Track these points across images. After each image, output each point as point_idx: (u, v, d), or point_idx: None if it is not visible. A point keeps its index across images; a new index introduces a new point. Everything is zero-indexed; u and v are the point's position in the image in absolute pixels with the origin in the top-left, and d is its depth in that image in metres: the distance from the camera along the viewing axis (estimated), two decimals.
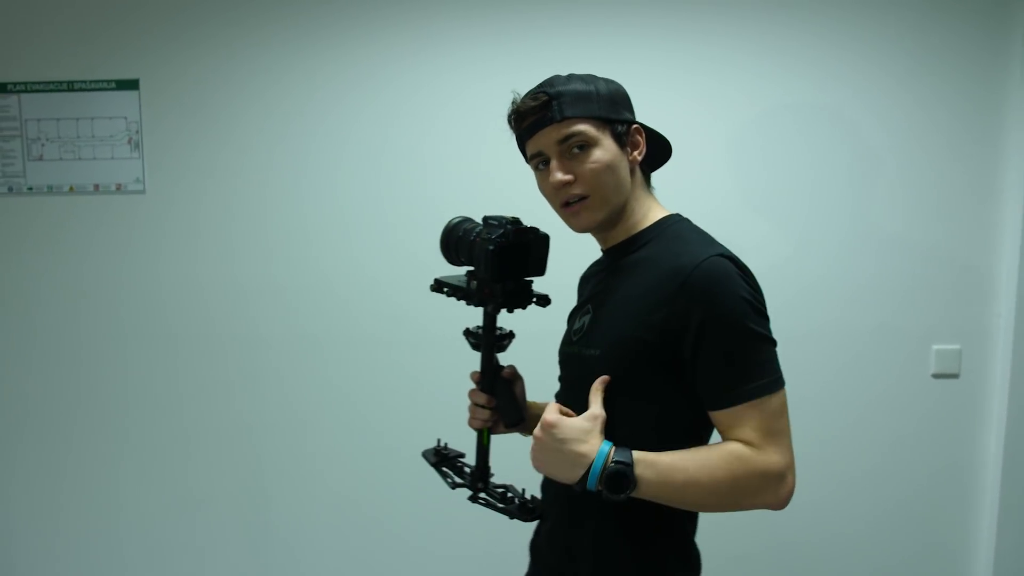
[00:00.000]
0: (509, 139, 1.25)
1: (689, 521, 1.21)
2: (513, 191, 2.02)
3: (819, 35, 2.11)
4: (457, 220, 1.25)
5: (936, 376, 2.18)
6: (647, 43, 2.11)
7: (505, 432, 1.32)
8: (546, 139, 1.15)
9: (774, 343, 1.08)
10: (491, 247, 1.13)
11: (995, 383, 2.17)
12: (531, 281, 1.20)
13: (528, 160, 1.21)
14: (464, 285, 1.22)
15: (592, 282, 1.30)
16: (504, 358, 1.29)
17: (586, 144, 1.13)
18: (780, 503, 1.07)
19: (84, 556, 2.32)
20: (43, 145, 2.17)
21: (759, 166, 2.14)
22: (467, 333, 1.27)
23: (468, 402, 1.28)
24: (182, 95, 2.16)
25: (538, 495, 1.24)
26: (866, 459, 2.19)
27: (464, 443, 1.35)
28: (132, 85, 2.15)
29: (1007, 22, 2.08)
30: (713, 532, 2.14)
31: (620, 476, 0.99)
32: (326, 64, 2.15)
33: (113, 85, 2.15)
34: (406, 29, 2.13)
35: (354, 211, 2.18)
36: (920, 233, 2.14)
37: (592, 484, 1.00)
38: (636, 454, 1.01)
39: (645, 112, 1.25)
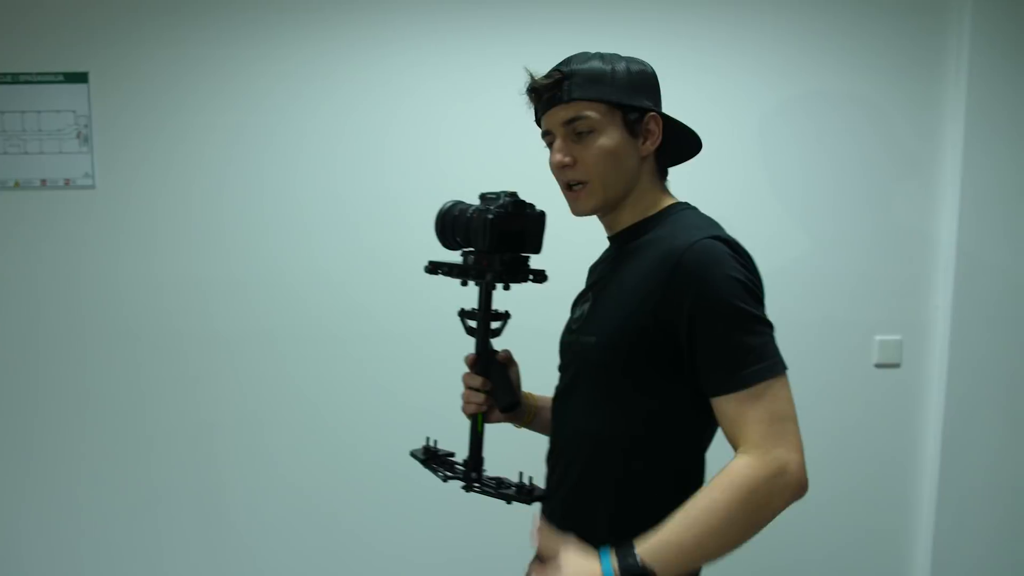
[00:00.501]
0: (469, 134, 1.26)
1: None
2: (472, 188, 2.06)
3: (759, 31, 2.16)
4: (450, 203, 1.25)
5: (879, 366, 2.26)
6: (617, 40, 2.14)
7: (498, 420, 1.29)
8: (554, 118, 1.14)
9: (770, 326, 1.04)
10: (490, 216, 1.15)
11: (934, 372, 2.26)
12: (528, 257, 1.21)
13: (543, 136, 1.20)
14: (457, 264, 1.23)
15: (598, 270, 1.29)
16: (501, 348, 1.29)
17: (591, 129, 1.12)
18: (793, 495, 1.02)
19: (41, 554, 2.27)
20: None
21: (707, 166, 2.18)
22: (463, 314, 1.26)
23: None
24: (134, 89, 2.13)
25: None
26: (814, 448, 2.22)
27: (421, 443, 1.35)
28: (81, 78, 2.11)
29: (942, 19, 2.16)
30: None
31: None
32: (283, 59, 2.14)
33: (61, 78, 2.10)
34: (365, 24, 2.13)
35: (312, 207, 2.17)
36: (865, 228, 2.21)
37: None
38: (642, 552, 0.96)
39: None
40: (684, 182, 2.09)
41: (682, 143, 1.22)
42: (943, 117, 2.19)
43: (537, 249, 1.21)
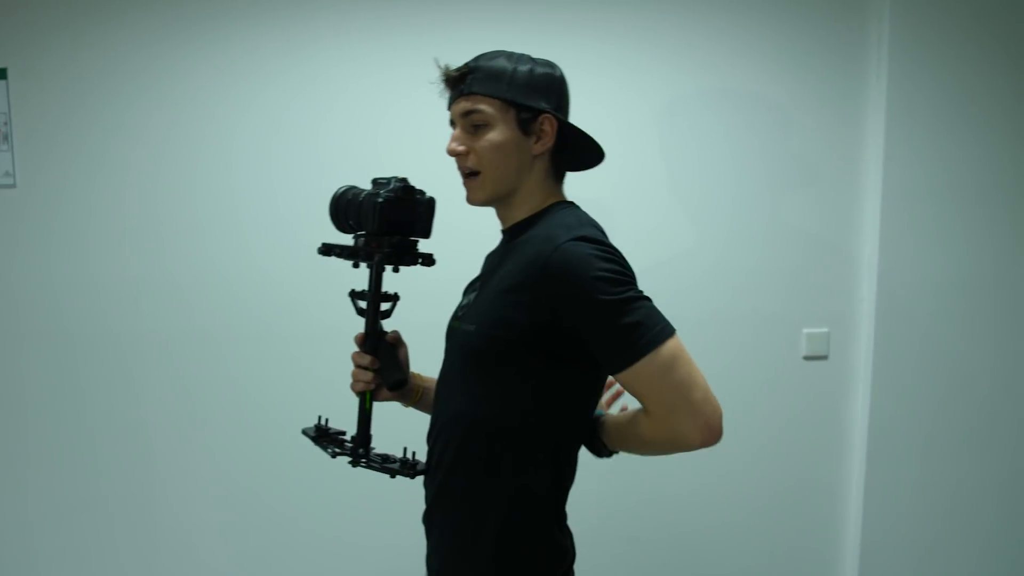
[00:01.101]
0: (399, 132, 1.29)
1: (556, 519, 1.22)
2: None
3: (687, 27, 2.19)
4: (344, 188, 1.29)
5: (807, 358, 2.30)
6: (520, 33, 2.15)
7: (387, 399, 1.32)
8: (456, 109, 1.21)
9: (646, 299, 1.09)
10: (380, 199, 1.20)
11: (860, 363, 2.31)
12: (417, 241, 1.26)
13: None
14: (348, 246, 1.27)
15: (487, 263, 1.35)
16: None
17: (484, 123, 1.18)
18: (702, 444, 1.14)
19: None
20: None
21: (641, 162, 2.22)
22: (353, 295, 1.29)
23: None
24: (54, 86, 2.09)
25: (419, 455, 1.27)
26: (747, 439, 2.29)
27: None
28: (0, 75, 2.06)
29: (864, 15, 2.21)
30: (604, 515, 2.23)
31: None
32: (213, 56, 2.12)
33: None
34: (295, 21, 2.12)
35: (243, 203, 2.15)
36: (792, 223, 2.26)
37: None
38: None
39: None
40: (613, 183, 2.16)
41: (585, 151, 1.28)
42: (865, 112, 2.24)
43: (426, 234, 1.26)
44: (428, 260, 1.27)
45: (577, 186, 2.10)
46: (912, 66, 2.20)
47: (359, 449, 1.27)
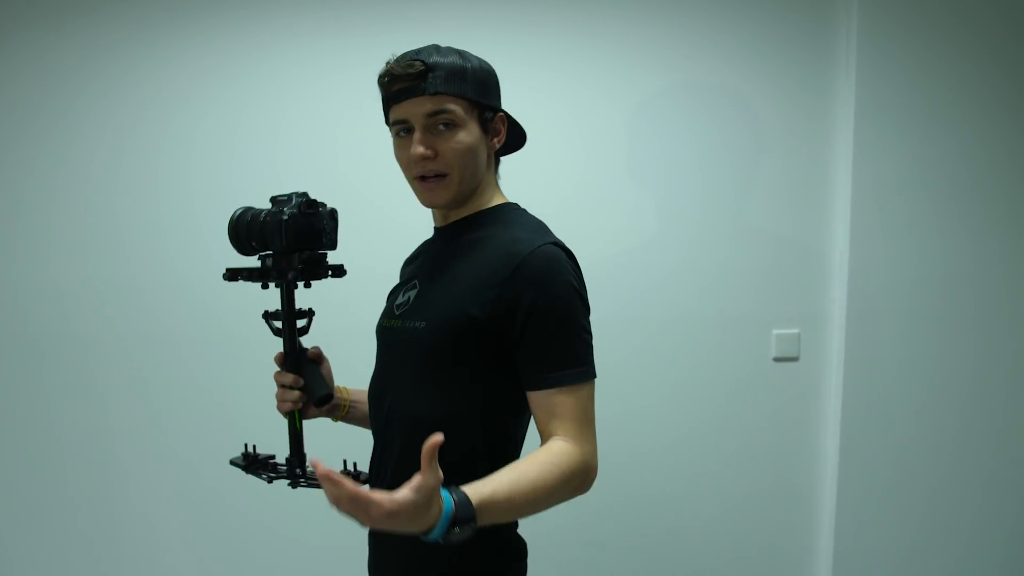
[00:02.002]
0: (360, 131, 1.26)
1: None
2: (365, 184, 2.03)
3: (651, 23, 2.15)
4: (240, 210, 1.26)
5: (777, 360, 2.26)
6: (492, 38, 2.12)
7: (315, 416, 1.32)
8: (414, 109, 1.13)
9: (591, 335, 1.13)
10: (284, 217, 1.18)
11: (831, 364, 2.27)
12: (325, 254, 1.25)
13: (390, 124, 1.20)
14: (256, 267, 1.25)
15: (419, 261, 1.32)
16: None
17: (453, 123, 1.13)
18: (586, 490, 1.11)
19: None
20: None
21: (611, 158, 2.18)
22: (267, 316, 1.28)
23: None
24: (14, 88, 2.07)
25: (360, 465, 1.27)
26: (716, 443, 2.26)
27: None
28: None
29: (832, 16, 2.17)
30: (569, 521, 2.20)
31: (461, 533, 0.93)
32: (173, 58, 2.09)
33: None
34: (255, 21, 2.09)
35: (205, 206, 2.11)
36: (760, 222, 2.21)
37: (433, 540, 0.92)
38: (476, 501, 0.93)
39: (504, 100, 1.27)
40: (576, 181, 2.12)
41: (511, 138, 1.28)
42: (834, 107, 2.20)
43: (333, 245, 1.25)
44: (338, 272, 1.26)
45: (541, 184, 2.09)
46: (881, 60, 2.15)
47: (295, 470, 1.26)
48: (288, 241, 1.18)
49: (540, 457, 1.05)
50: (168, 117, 2.11)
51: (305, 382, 1.25)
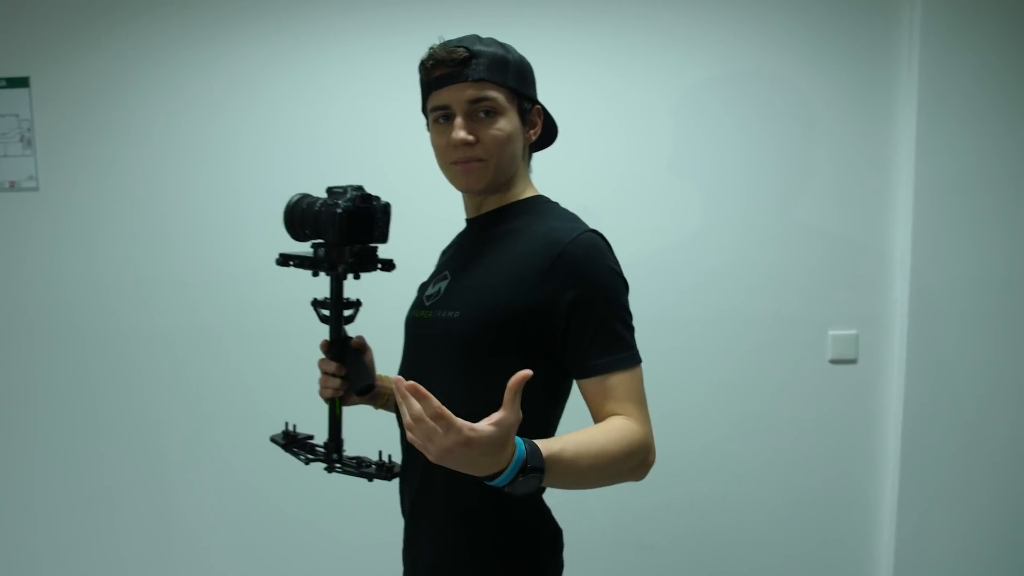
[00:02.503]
0: (398, 131, 1.28)
1: (542, 500, 1.21)
2: (403, 181, 2.04)
3: (696, 13, 2.11)
4: (297, 196, 1.28)
5: (833, 362, 2.18)
6: (538, 34, 2.12)
7: (356, 403, 1.33)
8: (456, 95, 1.13)
9: (632, 319, 1.14)
10: (339, 211, 1.18)
11: (892, 367, 2.18)
12: (376, 247, 1.26)
13: (427, 111, 1.20)
14: (311, 255, 1.26)
15: (451, 252, 1.32)
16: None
17: (494, 111, 1.14)
18: (645, 472, 1.09)
19: None
20: None
21: (656, 153, 2.15)
22: (315, 303, 1.30)
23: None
24: (73, 92, 2.17)
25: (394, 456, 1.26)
26: (767, 446, 2.20)
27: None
28: (23, 83, 2.16)
29: (894, 6, 2.09)
30: (616, 523, 2.17)
31: (528, 481, 0.92)
32: (218, 59, 2.16)
33: (3, 83, 2.15)
34: (297, 22, 2.14)
35: (248, 204, 2.17)
36: (815, 218, 2.14)
37: (500, 485, 0.93)
38: (546, 453, 0.93)
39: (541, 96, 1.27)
40: (622, 175, 2.09)
41: (543, 134, 1.27)
42: (896, 100, 2.11)
43: (384, 239, 1.25)
44: (388, 266, 1.26)
45: (584, 179, 2.07)
46: (946, 52, 2.06)
47: (332, 455, 1.28)
48: (340, 234, 1.19)
49: (604, 428, 1.05)
50: (213, 115, 2.18)
51: (348, 370, 1.27)
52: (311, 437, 1.34)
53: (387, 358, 1.39)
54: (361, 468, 1.23)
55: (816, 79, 2.11)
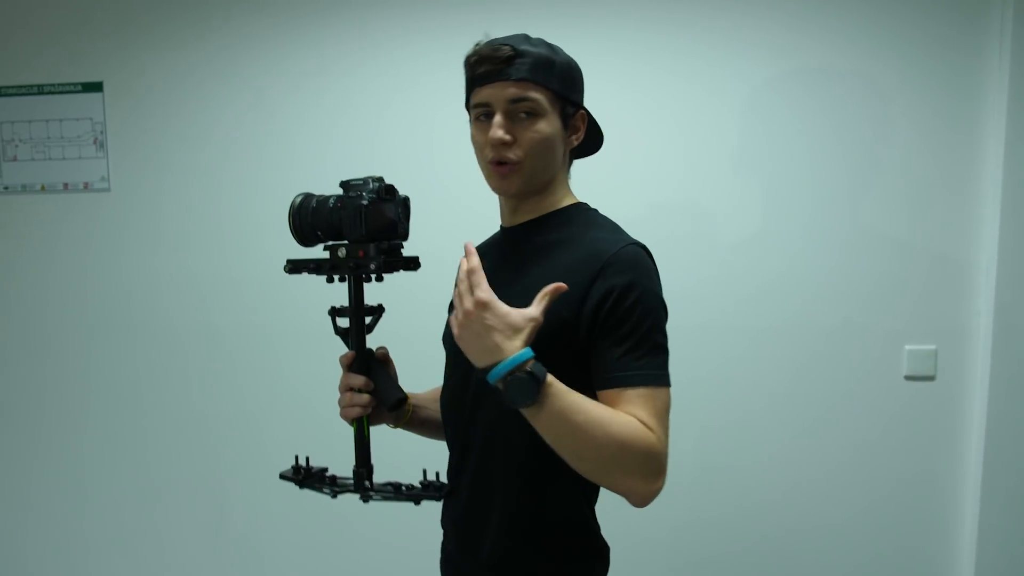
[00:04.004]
0: (459, 129, 1.24)
1: (591, 515, 1.19)
2: (460, 186, 2.03)
3: (782, 22, 2.02)
4: (301, 197, 1.19)
5: (909, 378, 2.06)
6: (591, 35, 2.07)
7: (382, 422, 1.27)
8: (498, 93, 1.11)
9: (667, 345, 1.10)
10: (364, 203, 1.09)
11: (974, 385, 2.04)
12: (401, 244, 1.17)
13: (470, 107, 1.18)
14: (326, 259, 1.15)
15: (486, 262, 1.24)
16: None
17: (535, 112, 1.11)
18: (648, 494, 1.02)
19: (49, 541, 2.41)
20: (17, 146, 2.27)
21: (717, 155, 2.07)
22: (334, 312, 1.20)
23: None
24: (143, 96, 2.23)
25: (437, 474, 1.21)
26: (832, 463, 2.09)
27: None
28: (96, 87, 2.23)
29: (984, 6, 1.95)
30: (674, 536, 2.10)
31: (523, 385, 0.95)
32: (281, 60, 2.19)
33: (79, 87, 2.23)
34: (357, 23, 2.15)
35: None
36: (890, 226, 2.03)
37: (493, 379, 0.97)
38: (550, 378, 0.97)
39: (597, 99, 1.24)
40: (680, 177, 2.02)
41: (589, 140, 1.24)
42: (983, 107, 1.97)
43: (406, 235, 1.17)
44: (413, 264, 1.17)
45: (642, 182, 1.99)
46: None
47: (364, 482, 1.17)
48: (368, 229, 1.10)
49: (613, 410, 1.01)
50: (273, 117, 2.21)
51: (376, 385, 1.17)
52: (325, 470, 1.23)
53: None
54: (405, 492, 1.14)
55: (893, 78, 1.99)
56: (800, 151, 2.04)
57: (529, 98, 1.10)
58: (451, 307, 1.27)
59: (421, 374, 1.33)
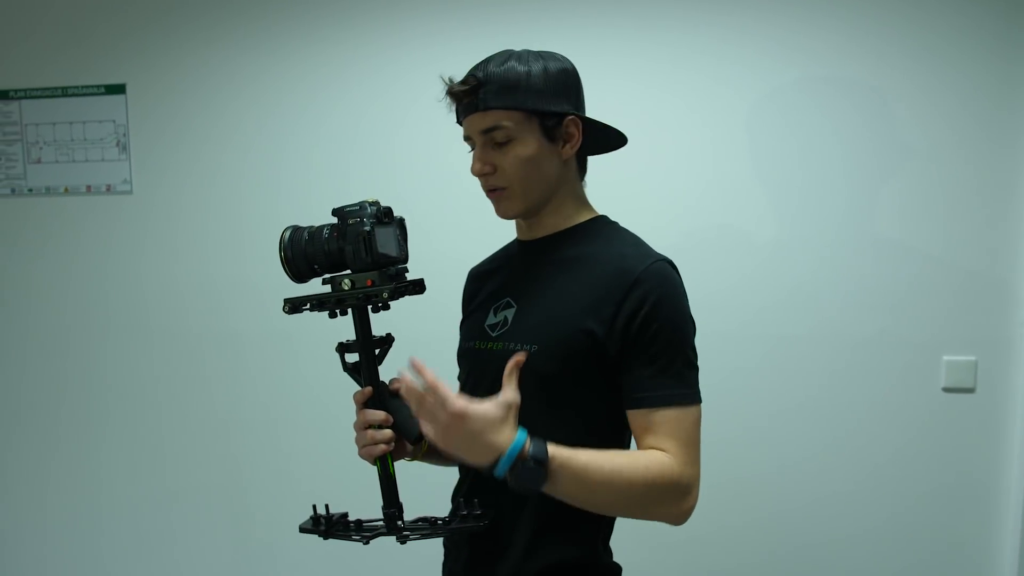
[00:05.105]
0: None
1: (604, 529, 1.16)
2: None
3: (815, 22, 1.96)
4: (290, 230, 1.14)
5: (948, 390, 1.98)
6: (624, 35, 2.02)
7: (403, 457, 1.20)
8: (473, 125, 1.12)
9: (697, 360, 1.10)
10: (367, 228, 1.04)
11: (1016, 399, 1.96)
12: (406, 268, 1.14)
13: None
14: (330, 292, 1.09)
15: (502, 275, 1.24)
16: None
17: (509, 138, 1.10)
18: (681, 515, 1.04)
19: (66, 546, 2.40)
20: (41, 148, 2.27)
21: (747, 156, 2.01)
22: (342, 348, 1.14)
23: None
24: (165, 98, 2.23)
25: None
26: (864, 474, 2.02)
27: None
28: (119, 89, 2.23)
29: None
30: (697, 548, 2.05)
31: (530, 472, 0.94)
32: (299, 63, 2.17)
33: (102, 90, 2.23)
34: (376, 27, 2.12)
35: (326, 209, 2.16)
36: (928, 232, 1.96)
37: (501, 474, 0.95)
38: (552, 450, 0.95)
39: (620, 102, 1.19)
40: (696, 179, 1.97)
41: (602, 136, 1.20)
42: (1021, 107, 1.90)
43: (407, 257, 1.13)
44: (420, 287, 1.14)
45: (667, 187, 1.95)
46: None
47: (397, 522, 1.11)
48: (375, 256, 1.04)
49: (631, 453, 1.04)
50: (294, 120, 2.18)
51: (396, 418, 1.10)
52: (346, 515, 1.17)
53: None
54: (447, 526, 1.08)
55: (932, 84, 1.93)
56: (835, 157, 1.97)
57: (499, 127, 1.09)
58: (461, 325, 1.27)
59: None
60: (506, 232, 1.29)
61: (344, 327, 1.16)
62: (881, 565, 2.03)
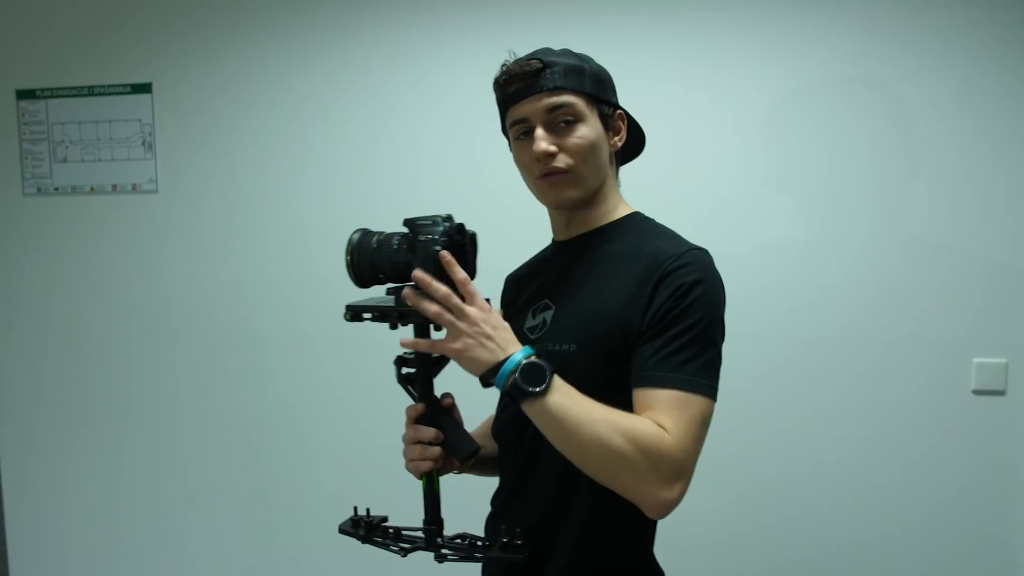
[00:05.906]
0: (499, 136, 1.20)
1: (649, 537, 1.14)
2: (507, 189, 1.98)
3: (842, 21, 1.95)
4: (360, 234, 1.10)
5: (978, 392, 1.97)
6: (650, 34, 2.02)
7: (449, 472, 1.18)
8: (533, 107, 1.10)
9: (720, 361, 1.05)
10: (437, 248, 1.00)
11: None
12: None
13: (507, 127, 1.16)
14: (393, 306, 1.05)
15: (540, 278, 1.22)
16: None
17: (574, 118, 1.10)
18: (660, 504, 0.97)
19: (89, 545, 2.40)
20: (67, 148, 2.27)
21: (775, 154, 2.00)
22: (400, 362, 1.11)
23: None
24: (191, 97, 2.23)
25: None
26: (893, 477, 2.01)
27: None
28: (145, 88, 2.23)
29: None
30: (725, 550, 2.03)
31: (538, 370, 0.96)
32: (324, 63, 2.17)
33: (128, 89, 2.23)
34: (401, 27, 2.12)
35: (351, 209, 2.17)
36: (957, 233, 1.94)
37: (514, 364, 0.96)
38: (552, 370, 0.98)
39: (648, 102, 1.20)
40: (716, 179, 1.95)
41: (629, 141, 1.22)
42: None
43: (474, 274, 1.08)
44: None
45: (700, 182, 1.93)
46: None
47: (437, 539, 1.09)
48: (443, 275, 1.00)
49: (634, 416, 0.99)
50: (317, 118, 2.18)
51: (447, 436, 1.09)
52: (385, 519, 1.15)
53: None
54: (482, 551, 1.06)
55: (959, 82, 1.92)
56: (862, 156, 1.96)
57: (566, 104, 1.09)
58: (519, 312, 1.22)
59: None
60: (539, 237, 1.28)
61: (371, 332, 1.17)
62: (912, 567, 2.01)
